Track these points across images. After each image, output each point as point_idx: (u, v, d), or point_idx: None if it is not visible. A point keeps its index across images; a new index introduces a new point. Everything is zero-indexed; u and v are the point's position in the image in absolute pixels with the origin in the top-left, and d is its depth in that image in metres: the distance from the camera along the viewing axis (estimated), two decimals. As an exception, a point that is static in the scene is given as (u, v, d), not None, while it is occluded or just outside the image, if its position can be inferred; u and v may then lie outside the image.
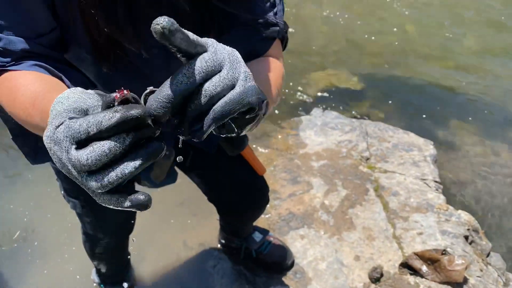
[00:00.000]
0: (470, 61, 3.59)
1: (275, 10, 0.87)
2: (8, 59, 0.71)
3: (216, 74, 0.49)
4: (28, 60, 0.72)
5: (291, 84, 3.17)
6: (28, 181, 2.20)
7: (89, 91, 0.53)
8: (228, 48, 0.53)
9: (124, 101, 0.48)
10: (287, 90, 3.09)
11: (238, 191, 1.42)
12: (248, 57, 0.84)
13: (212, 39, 0.52)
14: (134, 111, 0.46)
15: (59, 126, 0.48)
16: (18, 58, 0.72)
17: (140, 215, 1.64)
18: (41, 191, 2.15)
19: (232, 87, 0.50)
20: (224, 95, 0.50)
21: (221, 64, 0.50)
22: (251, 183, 1.42)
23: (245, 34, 0.85)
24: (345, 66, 3.43)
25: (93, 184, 0.47)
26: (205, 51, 0.50)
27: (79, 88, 0.53)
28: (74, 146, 0.47)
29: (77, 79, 0.78)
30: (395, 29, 3.93)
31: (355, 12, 4.16)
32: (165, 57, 0.89)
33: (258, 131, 2.57)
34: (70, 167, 0.48)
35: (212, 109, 0.49)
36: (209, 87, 0.49)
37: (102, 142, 0.46)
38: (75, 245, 1.58)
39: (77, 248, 1.55)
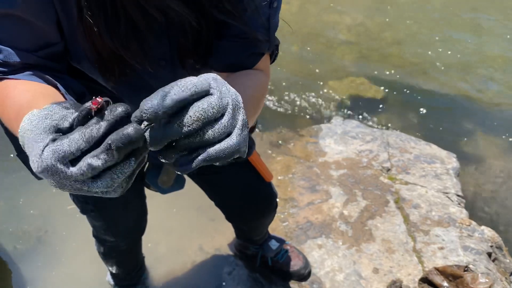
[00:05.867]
0: (494, 73, 3.51)
1: (269, 25, 0.87)
2: (6, 70, 0.72)
3: (218, 120, 0.50)
4: (26, 70, 0.73)
5: (311, 91, 3.15)
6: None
7: (46, 107, 0.52)
8: (232, 90, 0.53)
9: (100, 110, 0.49)
10: (307, 98, 3.07)
11: (244, 197, 1.40)
12: (235, 69, 0.86)
13: (214, 78, 0.52)
14: (119, 111, 0.47)
15: (42, 153, 0.48)
16: (16, 69, 0.73)
17: (157, 219, 1.63)
18: (58, 192, 2.16)
19: (229, 133, 0.51)
20: (220, 140, 0.51)
21: (224, 110, 0.51)
22: (258, 189, 1.40)
23: (236, 47, 0.85)
24: (367, 74, 3.40)
25: (100, 187, 0.48)
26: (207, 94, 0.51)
27: (34, 110, 0.53)
28: (69, 166, 0.47)
29: (75, 87, 0.78)
30: (417, 38, 3.88)
31: (378, 21, 4.13)
32: (171, 68, 0.89)
33: (277, 138, 2.55)
34: (74, 183, 0.49)
35: (206, 151, 0.50)
36: (209, 133, 0.50)
37: (94, 155, 0.46)
38: (90, 247, 1.58)
39: (93, 250, 1.54)
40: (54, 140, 0.48)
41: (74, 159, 0.47)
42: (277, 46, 0.93)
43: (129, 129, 0.46)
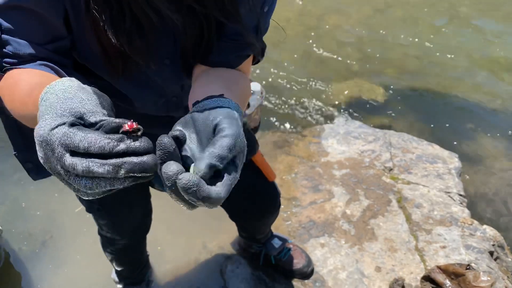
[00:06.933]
0: (498, 74, 3.52)
1: (259, 28, 0.89)
2: (16, 61, 0.73)
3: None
4: (35, 61, 0.74)
5: (314, 92, 3.17)
6: (48, 183, 2.22)
7: (87, 88, 0.53)
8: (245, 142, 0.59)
9: (128, 132, 0.49)
10: (310, 98, 3.08)
11: (248, 197, 1.41)
12: (218, 66, 0.88)
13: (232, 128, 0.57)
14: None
15: (55, 128, 0.48)
16: (26, 61, 0.74)
17: (161, 217, 1.65)
18: (64, 193, 2.18)
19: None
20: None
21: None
22: (261, 188, 1.41)
23: (225, 48, 0.87)
24: (369, 76, 3.41)
25: (81, 184, 0.48)
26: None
27: (75, 80, 0.53)
28: (68, 154, 0.48)
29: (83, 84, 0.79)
30: (420, 41, 3.89)
31: (380, 24, 4.14)
32: (176, 67, 0.91)
33: (280, 138, 2.56)
34: (58, 167, 0.49)
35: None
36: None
37: (99, 163, 0.47)
38: (96, 245, 1.60)
39: (98, 248, 1.56)
40: (72, 125, 0.49)
41: (75, 152, 0.48)
42: (263, 50, 0.93)
43: (148, 159, 0.48)
